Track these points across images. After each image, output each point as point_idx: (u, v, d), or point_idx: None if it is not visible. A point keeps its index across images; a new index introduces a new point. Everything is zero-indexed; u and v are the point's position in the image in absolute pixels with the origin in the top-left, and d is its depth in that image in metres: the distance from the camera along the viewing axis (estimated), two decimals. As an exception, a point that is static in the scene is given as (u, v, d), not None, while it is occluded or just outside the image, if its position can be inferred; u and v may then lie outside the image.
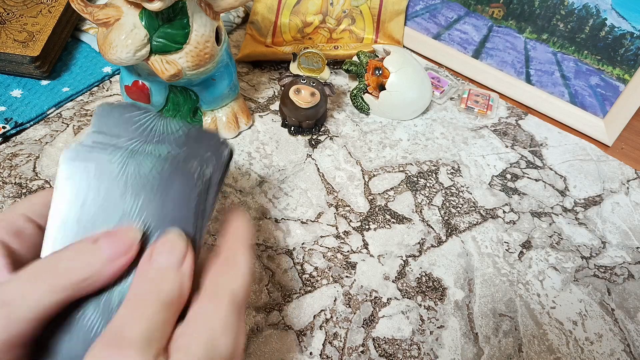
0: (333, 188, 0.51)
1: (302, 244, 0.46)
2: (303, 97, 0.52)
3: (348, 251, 0.46)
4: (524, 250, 0.47)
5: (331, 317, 0.41)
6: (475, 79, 0.66)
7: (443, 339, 0.40)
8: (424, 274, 0.45)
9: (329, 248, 0.46)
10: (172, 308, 0.19)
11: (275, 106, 0.59)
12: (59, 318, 0.19)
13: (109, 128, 0.23)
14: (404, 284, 0.44)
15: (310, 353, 0.39)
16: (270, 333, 0.40)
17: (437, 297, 0.43)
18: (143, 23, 0.40)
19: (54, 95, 0.57)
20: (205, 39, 0.43)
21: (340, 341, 0.40)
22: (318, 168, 0.53)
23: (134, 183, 0.22)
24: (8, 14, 0.60)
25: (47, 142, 0.53)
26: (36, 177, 0.49)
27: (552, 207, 0.51)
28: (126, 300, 0.19)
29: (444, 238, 0.48)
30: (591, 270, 0.46)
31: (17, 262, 0.21)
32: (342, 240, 0.46)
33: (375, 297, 0.43)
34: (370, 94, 0.58)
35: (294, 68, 0.53)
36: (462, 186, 0.53)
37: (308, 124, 0.55)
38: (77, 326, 0.20)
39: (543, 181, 0.54)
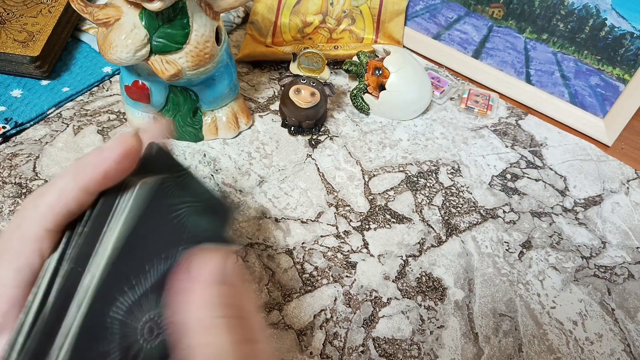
0: (333, 188, 0.51)
1: (302, 243, 0.46)
2: (303, 97, 0.52)
3: (348, 251, 0.46)
4: (524, 250, 0.47)
5: (331, 316, 0.41)
6: (475, 79, 0.66)
7: (443, 339, 0.40)
8: (424, 274, 0.45)
9: (329, 248, 0.46)
10: None
11: (275, 106, 0.59)
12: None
13: None
14: (404, 284, 0.44)
15: (310, 353, 0.39)
16: (271, 333, 0.40)
17: (437, 297, 0.43)
18: (143, 23, 0.40)
19: (54, 95, 0.57)
20: (205, 39, 0.43)
21: (341, 341, 0.40)
22: (318, 168, 0.53)
23: None
24: (8, 14, 0.60)
25: (47, 142, 0.53)
26: (36, 177, 0.49)
27: (552, 207, 0.51)
28: None
29: (444, 238, 0.48)
30: (591, 270, 0.46)
31: None
32: (342, 240, 0.46)
33: (375, 297, 0.43)
34: (370, 94, 0.58)
35: (294, 68, 0.53)
36: (462, 186, 0.53)
37: (308, 124, 0.55)
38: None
39: (543, 181, 0.54)
